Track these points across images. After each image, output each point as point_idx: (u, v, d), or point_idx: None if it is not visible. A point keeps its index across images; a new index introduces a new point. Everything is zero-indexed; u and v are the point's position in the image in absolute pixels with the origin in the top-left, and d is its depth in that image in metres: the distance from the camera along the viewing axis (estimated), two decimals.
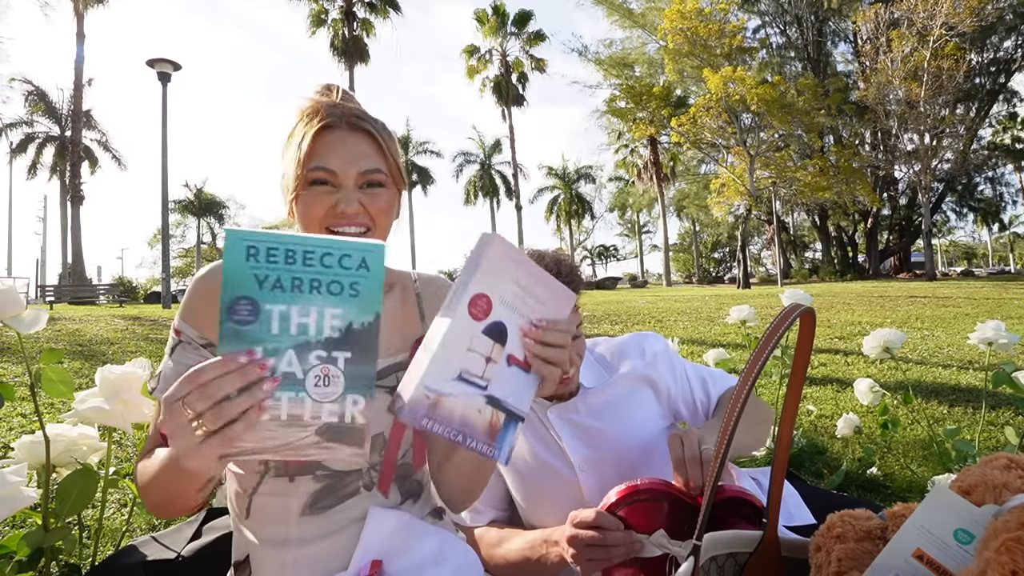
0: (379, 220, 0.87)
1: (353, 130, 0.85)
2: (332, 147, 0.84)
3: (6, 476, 1.05)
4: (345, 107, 0.87)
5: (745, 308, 2.50)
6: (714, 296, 14.50)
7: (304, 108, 0.87)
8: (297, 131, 0.85)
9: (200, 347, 0.84)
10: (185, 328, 0.85)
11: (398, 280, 0.98)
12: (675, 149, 30.54)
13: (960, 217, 35.50)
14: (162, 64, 12.68)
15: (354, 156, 0.84)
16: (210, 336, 0.84)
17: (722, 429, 0.71)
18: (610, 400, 1.21)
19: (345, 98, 0.89)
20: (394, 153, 0.88)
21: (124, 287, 27.10)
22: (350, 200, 0.83)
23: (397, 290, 0.97)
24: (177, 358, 0.83)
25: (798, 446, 2.50)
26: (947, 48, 21.27)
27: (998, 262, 55.06)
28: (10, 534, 1.22)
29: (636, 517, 0.97)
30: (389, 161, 0.87)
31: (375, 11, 26.05)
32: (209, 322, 0.85)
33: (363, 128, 0.86)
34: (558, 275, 1.11)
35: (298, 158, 0.83)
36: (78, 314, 10.10)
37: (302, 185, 0.83)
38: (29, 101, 26.77)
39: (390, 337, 0.92)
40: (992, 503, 0.60)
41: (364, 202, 0.84)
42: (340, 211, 0.83)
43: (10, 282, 1.21)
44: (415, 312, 0.96)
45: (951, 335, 6.15)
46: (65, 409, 2.61)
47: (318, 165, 0.83)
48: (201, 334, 0.84)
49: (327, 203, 0.83)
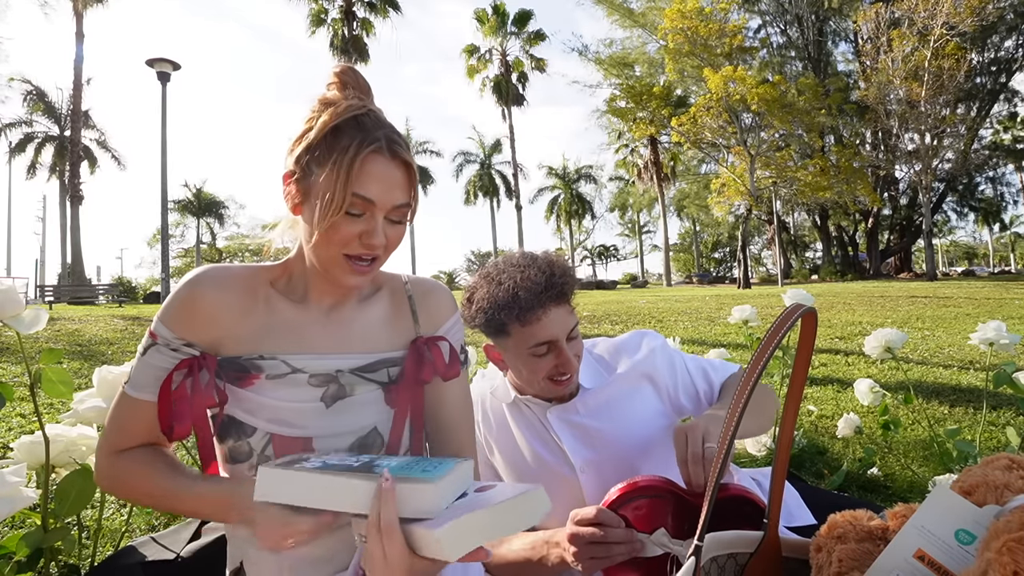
0: (389, 251, 0.86)
1: (393, 158, 0.81)
2: (374, 176, 0.79)
3: (5, 476, 1.05)
4: (385, 124, 0.82)
5: (747, 308, 2.50)
6: (714, 296, 14.50)
7: (339, 109, 0.80)
8: (338, 147, 0.78)
9: (173, 351, 0.84)
10: (162, 331, 0.84)
11: (387, 282, 0.99)
12: (675, 149, 30.53)
13: (961, 217, 35.56)
14: (161, 64, 12.67)
15: (392, 187, 0.81)
16: (188, 338, 0.84)
17: (723, 431, 0.71)
18: (609, 400, 1.21)
19: (365, 90, 0.86)
20: (417, 187, 0.85)
21: (123, 287, 27.08)
22: (379, 233, 0.81)
23: (386, 291, 0.97)
24: (148, 359, 0.84)
25: (799, 446, 2.50)
26: (948, 48, 21.26)
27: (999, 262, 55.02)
28: (9, 534, 1.22)
29: (637, 515, 0.97)
30: (415, 196, 0.85)
31: (375, 11, 26.02)
32: (192, 328, 0.84)
33: (402, 157, 0.82)
34: (551, 277, 1.11)
35: (343, 181, 0.77)
36: (77, 314, 10.10)
37: (338, 208, 0.78)
38: (28, 101, 26.75)
39: (380, 334, 0.93)
40: (993, 503, 0.60)
41: (387, 234, 0.83)
42: (368, 242, 0.81)
43: (10, 282, 1.21)
44: (407, 313, 0.97)
45: (952, 335, 6.14)
46: (64, 409, 2.61)
47: (360, 194, 0.78)
48: (181, 337, 0.84)
49: (354, 232, 0.80)
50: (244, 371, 0.85)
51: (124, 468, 0.84)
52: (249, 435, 0.86)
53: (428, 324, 0.97)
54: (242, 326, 0.86)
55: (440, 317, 0.99)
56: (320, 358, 0.87)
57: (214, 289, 0.85)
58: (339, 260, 0.82)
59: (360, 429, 0.89)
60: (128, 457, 0.85)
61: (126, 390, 0.85)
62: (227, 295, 0.86)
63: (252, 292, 0.88)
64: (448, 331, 0.99)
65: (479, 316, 1.12)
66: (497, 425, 1.27)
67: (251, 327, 0.86)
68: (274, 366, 0.85)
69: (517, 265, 1.13)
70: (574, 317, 1.15)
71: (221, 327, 0.85)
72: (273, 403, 0.86)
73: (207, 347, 0.85)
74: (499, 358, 1.20)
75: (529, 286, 1.08)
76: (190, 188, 37.96)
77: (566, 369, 1.12)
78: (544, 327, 1.09)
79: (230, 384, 0.85)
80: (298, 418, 0.86)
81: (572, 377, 1.15)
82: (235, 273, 0.89)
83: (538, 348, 1.11)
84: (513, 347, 1.13)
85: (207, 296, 0.84)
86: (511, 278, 1.10)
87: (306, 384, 0.86)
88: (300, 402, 0.86)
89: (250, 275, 0.90)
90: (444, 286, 1.03)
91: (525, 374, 1.15)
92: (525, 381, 1.18)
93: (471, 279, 1.20)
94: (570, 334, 1.13)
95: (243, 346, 0.86)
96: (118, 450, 0.85)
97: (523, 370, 1.15)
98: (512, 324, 1.10)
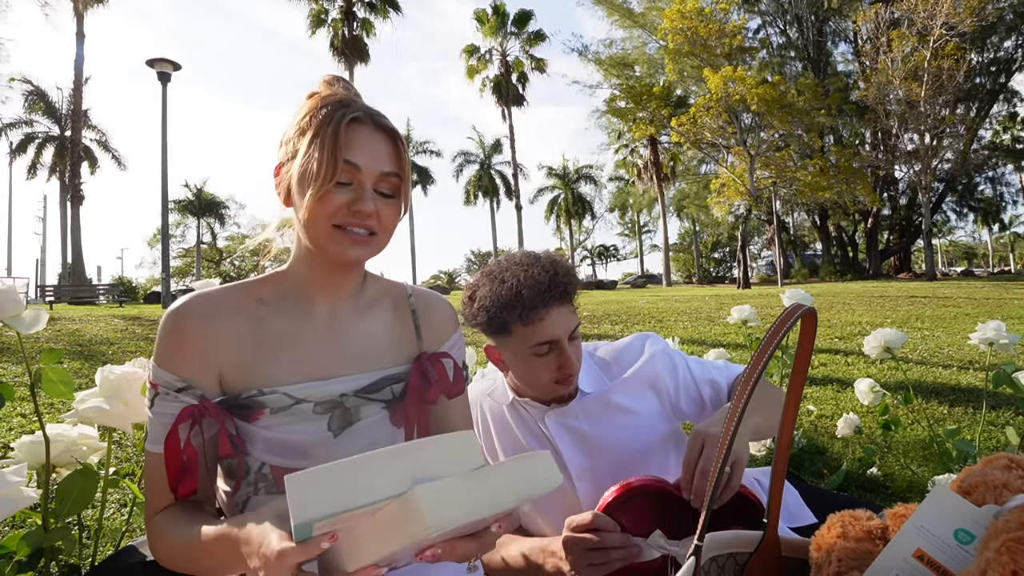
0: (386, 230, 0.84)
1: (377, 128, 0.81)
2: (359, 142, 0.79)
3: (6, 476, 1.05)
4: (365, 104, 0.83)
5: (746, 308, 2.49)
6: (714, 296, 14.50)
7: (324, 94, 0.81)
8: (322, 118, 0.78)
9: (177, 394, 0.79)
10: (160, 376, 0.80)
11: (389, 291, 0.95)
12: (675, 149, 30.51)
13: (960, 217, 35.57)
14: (162, 64, 12.66)
15: (378, 155, 0.80)
16: (186, 376, 0.79)
17: (723, 433, 0.71)
18: (610, 406, 1.19)
19: (354, 93, 0.87)
20: (407, 162, 0.85)
21: (124, 287, 27.07)
22: (367, 200, 0.79)
23: (388, 303, 0.94)
24: (158, 411, 0.80)
25: (798, 446, 2.50)
26: (947, 48, 21.26)
27: (998, 262, 54.99)
28: (10, 534, 1.22)
29: (632, 517, 0.96)
30: (405, 169, 0.83)
31: (375, 11, 26.02)
32: (182, 362, 0.80)
33: (387, 127, 0.82)
34: (555, 276, 1.10)
35: (330, 147, 0.76)
36: (78, 314, 10.10)
37: (328, 178, 0.77)
38: (29, 101, 26.73)
39: (384, 350, 0.90)
40: (993, 503, 0.60)
41: (380, 210, 0.81)
42: (356, 209, 0.79)
43: (10, 282, 1.21)
44: (411, 326, 0.94)
45: (951, 335, 6.14)
46: (65, 409, 2.61)
47: (346, 159, 0.77)
48: (178, 377, 0.79)
49: (342, 200, 0.79)
50: (247, 408, 0.81)
51: (158, 530, 0.79)
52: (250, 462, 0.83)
53: (432, 339, 0.95)
54: (237, 352, 0.82)
55: (444, 332, 0.97)
56: (323, 385, 0.84)
57: (200, 319, 0.81)
58: (332, 233, 0.80)
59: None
60: (162, 517, 0.79)
61: (148, 447, 0.80)
62: (214, 323, 0.81)
63: (240, 313, 0.84)
64: (452, 347, 0.97)
65: (481, 314, 1.11)
66: (495, 427, 1.26)
67: (246, 352, 0.82)
68: (276, 400, 0.81)
69: (520, 264, 1.12)
70: (576, 317, 1.14)
71: (216, 357, 0.81)
72: (281, 437, 0.82)
73: (209, 382, 0.81)
74: (499, 359, 1.18)
75: (532, 284, 1.07)
76: (190, 188, 37.95)
77: (568, 369, 1.11)
78: (546, 326, 1.09)
79: (238, 420, 0.81)
80: (306, 449, 0.83)
81: (573, 377, 1.14)
82: (219, 297, 0.84)
83: (540, 348, 1.10)
84: (515, 347, 1.12)
85: (193, 328, 0.80)
86: (514, 276, 1.09)
87: (311, 414, 0.83)
88: (308, 434, 0.83)
89: (236, 295, 0.85)
90: (446, 299, 1.01)
91: (526, 375, 1.15)
92: (526, 382, 1.17)
93: (472, 278, 1.19)
94: (572, 334, 1.12)
95: (242, 374, 0.82)
96: (156, 511, 0.80)
97: (524, 371, 1.14)
98: (514, 323, 1.09)
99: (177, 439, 0.77)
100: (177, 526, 0.76)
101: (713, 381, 1.24)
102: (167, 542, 0.76)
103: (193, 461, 0.77)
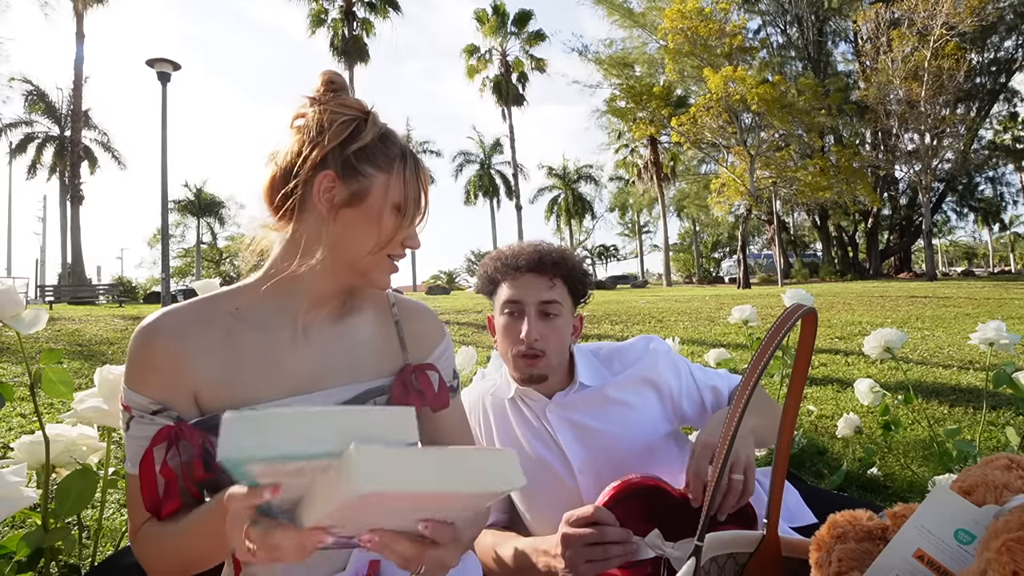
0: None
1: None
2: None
3: (6, 476, 1.05)
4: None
5: (747, 308, 2.49)
6: (714, 296, 14.50)
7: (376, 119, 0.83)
8: (391, 150, 0.82)
9: (152, 416, 0.76)
10: (132, 399, 0.77)
11: (371, 300, 0.93)
12: (675, 149, 30.53)
13: (960, 217, 35.60)
14: (162, 64, 12.64)
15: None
16: (159, 397, 0.77)
17: (723, 435, 0.71)
18: (611, 400, 1.20)
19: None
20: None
21: (124, 287, 27.13)
22: (415, 236, 0.87)
23: (370, 311, 0.91)
24: (133, 434, 0.77)
25: (799, 446, 2.50)
26: (948, 48, 21.26)
27: (999, 262, 54.99)
28: (10, 534, 1.22)
29: (630, 515, 0.96)
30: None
31: (375, 11, 26.05)
32: (154, 384, 0.77)
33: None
34: (547, 253, 1.19)
35: (416, 182, 0.84)
36: (78, 314, 10.10)
37: (422, 212, 0.85)
38: (28, 101, 26.76)
39: (367, 362, 0.88)
40: (993, 503, 0.60)
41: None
42: (408, 243, 0.86)
43: (10, 282, 1.21)
44: (394, 337, 0.92)
45: (952, 335, 6.15)
46: (65, 409, 2.61)
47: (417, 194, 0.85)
48: (151, 399, 0.76)
49: (400, 233, 0.84)
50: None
51: (143, 540, 0.78)
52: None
53: (417, 351, 0.93)
54: (210, 369, 0.79)
55: (429, 344, 0.94)
56: (305, 399, 0.81)
57: (168, 337, 0.78)
58: (383, 262, 0.84)
59: None
60: (146, 527, 0.78)
61: (127, 468, 0.79)
62: (184, 341, 0.78)
63: (212, 328, 0.80)
64: (438, 359, 0.94)
65: (480, 270, 1.25)
66: (497, 423, 1.27)
67: (220, 368, 0.79)
68: None
69: (531, 242, 1.24)
70: (556, 297, 1.17)
71: (189, 376, 0.78)
72: None
73: (184, 402, 0.78)
74: (493, 326, 1.26)
75: (520, 250, 1.20)
76: (190, 188, 38.02)
77: (528, 338, 1.14)
78: (517, 286, 1.18)
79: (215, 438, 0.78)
80: None
81: (538, 358, 1.15)
82: (187, 312, 0.81)
83: (507, 306, 1.18)
84: (496, 307, 1.21)
85: (163, 346, 0.77)
86: (518, 245, 1.22)
87: None
88: None
89: (206, 308, 0.82)
90: (430, 309, 0.99)
91: (500, 340, 1.21)
92: (501, 350, 1.23)
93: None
94: (543, 308, 1.16)
95: (218, 391, 0.79)
96: (137, 529, 0.78)
97: (499, 335, 1.21)
98: (497, 277, 1.21)
99: (152, 463, 0.74)
100: (163, 527, 0.75)
101: (715, 387, 1.26)
102: (153, 548, 0.76)
103: (172, 483, 0.75)
